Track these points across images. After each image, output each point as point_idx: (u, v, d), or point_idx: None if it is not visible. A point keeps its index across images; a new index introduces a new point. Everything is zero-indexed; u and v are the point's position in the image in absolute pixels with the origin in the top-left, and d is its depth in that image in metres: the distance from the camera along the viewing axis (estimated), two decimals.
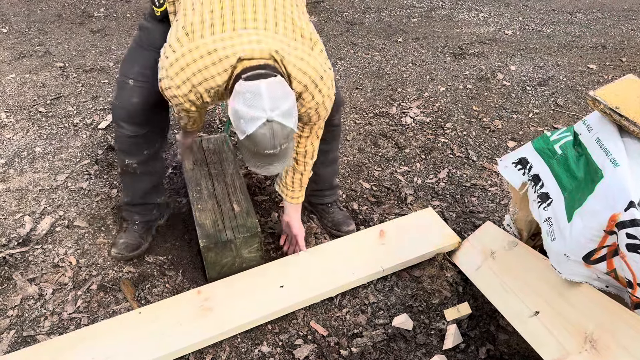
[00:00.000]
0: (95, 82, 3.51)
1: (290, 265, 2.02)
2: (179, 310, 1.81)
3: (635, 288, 1.32)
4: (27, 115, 3.09)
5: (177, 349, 1.69)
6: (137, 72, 1.86)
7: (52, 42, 4.14)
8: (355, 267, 2.01)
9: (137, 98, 1.87)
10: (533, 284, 1.67)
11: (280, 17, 1.62)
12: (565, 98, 3.50)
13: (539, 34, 4.59)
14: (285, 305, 1.86)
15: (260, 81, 1.45)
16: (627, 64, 4.00)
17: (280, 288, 1.91)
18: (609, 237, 1.37)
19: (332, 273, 1.98)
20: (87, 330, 1.76)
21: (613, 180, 1.37)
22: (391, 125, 3.12)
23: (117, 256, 2.12)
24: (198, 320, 1.77)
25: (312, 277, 1.97)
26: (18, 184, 2.54)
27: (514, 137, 3.05)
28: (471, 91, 3.55)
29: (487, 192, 2.59)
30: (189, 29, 1.57)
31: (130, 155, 2.02)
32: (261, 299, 1.87)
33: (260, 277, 1.96)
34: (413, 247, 2.09)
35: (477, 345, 1.82)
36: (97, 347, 1.67)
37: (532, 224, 1.86)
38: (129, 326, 1.75)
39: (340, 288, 1.96)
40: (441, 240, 2.11)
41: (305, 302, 1.90)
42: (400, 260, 2.04)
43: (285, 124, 1.46)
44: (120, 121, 1.94)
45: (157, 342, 1.70)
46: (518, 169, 1.77)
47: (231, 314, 1.81)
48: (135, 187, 2.13)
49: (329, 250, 2.09)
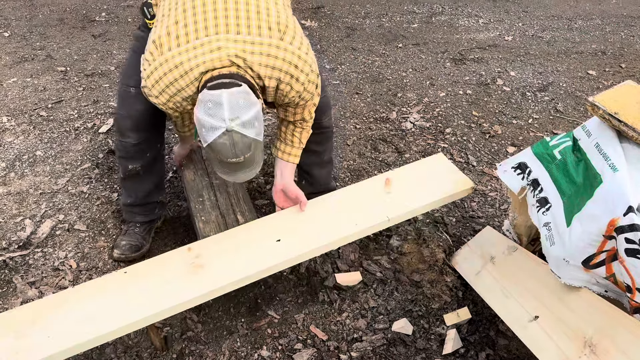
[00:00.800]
0: (97, 86, 3.52)
1: (287, 218, 1.90)
2: (168, 268, 1.71)
3: (634, 292, 1.32)
4: (28, 119, 3.10)
5: (166, 307, 1.58)
6: (138, 80, 1.86)
7: (53, 46, 4.16)
8: (358, 217, 1.87)
9: (141, 105, 1.89)
10: (532, 289, 1.67)
11: (243, 14, 1.60)
12: (565, 104, 3.51)
13: (538, 40, 4.61)
14: (282, 259, 1.74)
15: (222, 91, 1.46)
16: (627, 70, 4.01)
17: (277, 242, 1.79)
18: (608, 241, 1.37)
19: (333, 225, 1.86)
20: (70, 291, 1.66)
21: (612, 186, 1.37)
22: (391, 130, 3.13)
23: (120, 257, 2.12)
24: (188, 278, 1.67)
25: (310, 229, 1.85)
26: (19, 187, 2.54)
27: (514, 142, 3.06)
28: (471, 97, 3.57)
29: (486, 197, 2.59)
30: (158, 42, 1.59)
31: (135, 160, 2.04)
32: (257, 253, 1.75)
33: (255, 232, 1.85)
34: (422, 195, 1.95)
35: (477, 350, 1.82)
36: (80, 308, 1.58)
37: (532, 229, 1.86)
38: (114, 286, 1.66)
39: (341, 240, 1.83)
40: (452, 187, 1.98)
41: (303, 256, 1.79)
42: (407, 209, 1.91)
43: (245, 134, 1.47)
44: (126, 131, 1.96)
45: (145, 301, 1.59)
46: (517, 174, 1.77)
47: (224, 270, 1.70)
48: (139, 189, 2.14)
49: (329, 202, 1.97)
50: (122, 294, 1.63)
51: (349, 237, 1.84)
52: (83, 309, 1.58)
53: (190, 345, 1.83)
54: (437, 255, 2.14)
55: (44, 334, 1.50)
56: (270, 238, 1.81)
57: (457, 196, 2.00)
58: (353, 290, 2.04)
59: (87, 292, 1.64)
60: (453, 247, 2.20)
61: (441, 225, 2.34)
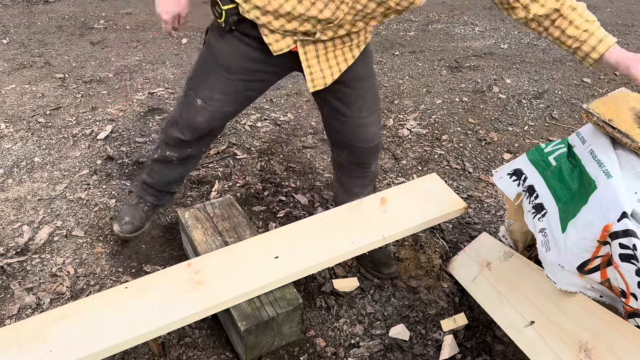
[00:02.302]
0: (95, 93, 3.53)
1: (286, 235, 1.93)
2: (168, 284, 1.72)
3: (629, 297, 1.33)
4: (26, 126, 3.11)
5: (166, 323, 1.60)
6: (206, 95, 1.81)
7: (52, 53, 4.17)
8: (354, 236, 1.91)
9: (203, 118, 1.85)
10: (528, 294, 1.68)
11: None
12: (560, 111, 3.54)
13: (534, 47, 4.65)
14: (281, 276, 1.76)
15: None
16: (621, 78, 4.05)
17: (275, 259, 1.82)
18: (602, 247, 1.38)
19: (330, 242, 1.89)
20: (70, 306, 1.67)
21: (606, 192, 1.39)
22: (388, 137, 3.14)
23: (117, 234, 2.17)
24: (188, 294, 1.68)
25: (308, 247, 1.87)
26: (17, 193, 2.55)
27: (510, 149, 3.08)
28: (467, 104, 3.59)
29: (483, 203, 2.61)
30: None
31: (175, 150, 2.01)
32: (255, 270, 1.77)
33: (254, 248, 1.86)
34: (416, 214, 2.00)
35: (474, 356, 1.83)
36: (82, 322, 1.59)
37: (528, 235, 1.87)
38: (114, 301, 1.66)
39: (338, 257, 1.87)
40: (446, 206, 2.03)
41: (301, 273, 1.81)
42: (402, 227, 1.95)
43: None
44: (181, 131, 1.92)
45: (145, 317, 1.61)
46: (513, 180, 1.79)
47: (223, 286, 1.71)
48: (164, 175, 2.12)
49: (326, 220, 1.99)
50: (124, 309, 1.64)
51: (346, 255, 1.88)
52: (85, 323, 1.60)
53: (187, 351, 1.83)
54: (434, 261, 2.15)
55: (47, 348, 1.51)
56: (268, 254, 1.83)
57: (450, 216, 2.04)
58: (350, 296, 2.05)
59: (89, 306, 1.66)
60: (450, 253, 2.21)
61: (438, 232, 2.35)
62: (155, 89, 3.63)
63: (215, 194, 2.58)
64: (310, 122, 3.27)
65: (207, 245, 1.94)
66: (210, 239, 1.97)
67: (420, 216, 2.00)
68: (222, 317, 1.87)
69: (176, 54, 4.25)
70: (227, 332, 1.86)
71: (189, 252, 2.08)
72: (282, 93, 3.65)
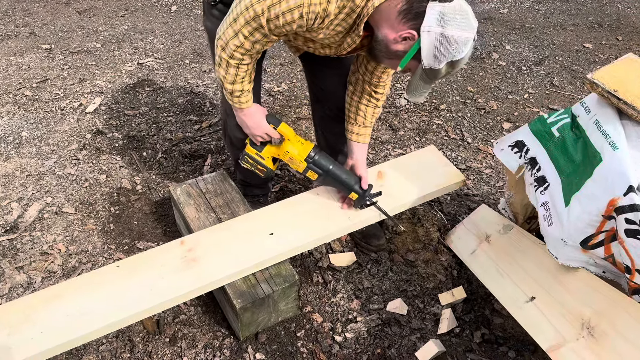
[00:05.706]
0: (82, 64, 3.43)
1: (281, 211, 1.89)
2: (161, 262, 1.68)
3: (634, 274, 1.30)
4: (12, 99, 3.02)
5: (159, 302, 1.56)
6: None
7: (37, 23, 4.03)
8: (351, 211, 1.88)
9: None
10: (529, 269, 1.65)
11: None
12: (561, 78, 3.46)
13: (534, 12, 4.52)
14: (276, 253, 1.73)
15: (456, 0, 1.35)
16: (623, 43, 3.95)
17: (270, 236, 1.78)
18: (607, 222, 1.34)
19: (326, 218, 1.85)
20: (61, 286, 1.64)
21: (612, 164, 1.34)
22: (385, 107, 3.07)
23: None
24: (182, 272, 1.65)
25: (304, 223, 1.83)
26: (4, 169, 2.48)
27: (509, 118, 3.02)
28: (466, 71, 3.50)
29: (482, 174, 2.56)
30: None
31: None
32: (250, 247, 1.73)
33: (248, 225, 1.82)
34: (414, 187, 1.97)
35: (472, 329, 1.81)
36: (73, 302, 1.55)
37: (528, 208, 1.83)
38: (106, 281, 1.63)
39: (334, 233, 1.84)
40: (444, 180, 2.00)
41: (297, 250, 1.78)
42: (400, 202, 1.92)
43: None
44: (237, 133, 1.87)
45: (137, 297, 1.57)
46: (514, 152, 1.74)
47: (218, 264, 1.68)
48: (249, 174, 2.05)
49: (322, 195, 1.94)
50: (116, 289, 1.61)
51: (342, 231, 1.85)
52: (76, 303, 1.56)
53: (182, 328, 1.80)
54: (432, 235, 2.12)
55: (37, 329, 1.48)
56: (263, 231, 1.79)
57: (449, 189, 2.01)
58: (347, 270, 2.02)
59: (80, 286, 1.62)
60: (448, 225, 2.17)
61: (435, 204, 2.31)
62: (144, 59, 3.52)
63: (208, 167, 2.52)
64: (305, 92, 3.19)
65: (200, 222, 1.89)
66: (203, 215, 1.92)
67: (418, 190, 1.97)
68: (217, 295, 1.84)
69: (165, 22, 4.12)
70: (223, 309, 1.83)
71: (182, 229, 2.04)
72: (276, 62, 3.55)
